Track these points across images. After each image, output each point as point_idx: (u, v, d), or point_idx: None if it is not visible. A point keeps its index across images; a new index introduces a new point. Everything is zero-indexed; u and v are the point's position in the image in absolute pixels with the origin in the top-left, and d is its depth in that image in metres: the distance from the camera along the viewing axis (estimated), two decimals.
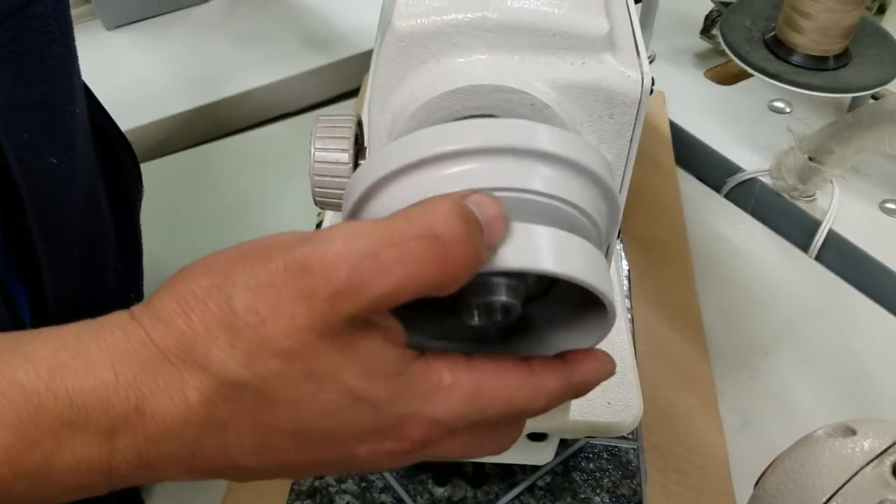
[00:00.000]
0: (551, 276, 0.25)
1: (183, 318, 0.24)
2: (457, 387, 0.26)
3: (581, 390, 0.29)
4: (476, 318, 0.28)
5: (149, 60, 0.88)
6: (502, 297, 0.27)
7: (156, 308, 0.25)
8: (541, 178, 0.26)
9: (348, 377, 0.24)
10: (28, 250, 0.39)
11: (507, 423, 0.29)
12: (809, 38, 0.65)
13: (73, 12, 0.94)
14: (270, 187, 0.75)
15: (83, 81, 0.44)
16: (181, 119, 0.81)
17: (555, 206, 0.27)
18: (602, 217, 0.29)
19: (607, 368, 0.29)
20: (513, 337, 0.31)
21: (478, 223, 0.24)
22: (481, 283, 0.27)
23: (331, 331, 0.24)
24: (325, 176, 0.36)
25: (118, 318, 0.25)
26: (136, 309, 0.25)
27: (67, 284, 0.41)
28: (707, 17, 0.92)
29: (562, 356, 0.29)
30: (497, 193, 0.26)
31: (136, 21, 0.93)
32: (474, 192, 0.25)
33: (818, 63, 0.66)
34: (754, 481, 0.45)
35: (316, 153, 0.36)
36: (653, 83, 0.32)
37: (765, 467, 0.35)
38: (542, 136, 0.27)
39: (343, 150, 0.35)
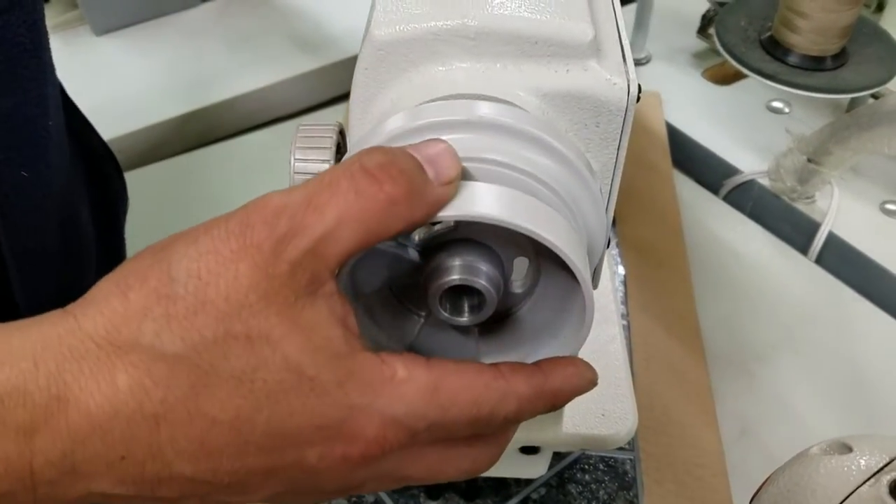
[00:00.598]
0: (492, 226, 0.25)
1: (119, 299, 0.23)
2: (412, 381, 0.24)
3: (559, 398, 0.27)
4: (444, 310, 0.27)
5: (137, 66, 0.87)
6: (456, 277, 0.26)
7: (91, 294, 0.23)
8: (499, 150, 0.27)
9: (290, 348, 0.23)
10: None
11: (481, 435, 0.26)
12: (806, 38, 0.64)
13: (62, 18, 0.94)
14: (261, 193, 0.73)
15: (60, 94, 0.43)
16: (171, 125, 0.80)
17: (513, 177, 0.27)
18: (573, 199, 0.28)
19: (587, 377, 0.28)
20: (494, 352, 0.30)
21: (411, 157, 0.24)
22: (440, 266, 0.26)
23: (274, 291, 0.22)
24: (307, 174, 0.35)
25: (52, 313, 0.23)
26: (73, 303, 0.24)
27: (40, 300, 0.39)
28: (704, 17, 0.90)
29: (536, 363, 0.28)
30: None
31: (125, 27, 0.92)
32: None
33: (815, 63, 0.65)
34: (753, 491, 0.44)
35: (296, 163, 0.35)
36: (640, 90, 0.31)
37: (762, 481, 0.34)
38: (500, 111, 0.27)
39: (324, 161, 0.34)
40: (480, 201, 0.25)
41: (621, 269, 0.68)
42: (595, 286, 0.39)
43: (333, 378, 0.23)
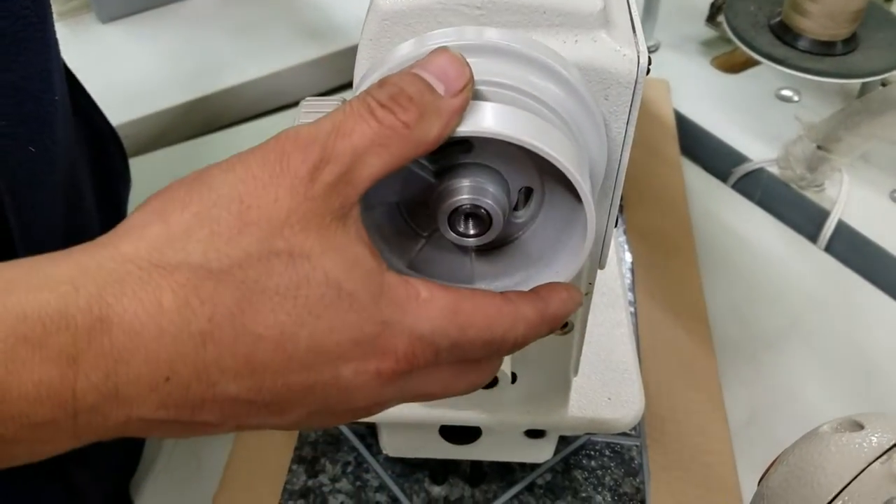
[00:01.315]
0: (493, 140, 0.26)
1: (160, 224, 0.23)
2: (434, 301, 0.25)
3: (555, 322, 0.29)
4: (451, 230, 0.28)
5: (143, 53, 0.87)
6: (467, 197, 0.27)
7: (128, 224, 0.23)
8: (507, 74, 0.27)
9: (330, 264, 0.24)
10: (5, 244, 0.37)
11: (487, 356, 0.28)
12: (817, 23, 0.63)
13: (68, 6, 0.93)
14: None
15: (65, 72, 0.43)
16: (176, 112, 0.80)
17: (521, 100, 0.27)
18: (577, 125, 0.29)
19: (576, 299, 0.29)
20: (489, 276, 0.31)
21: (418, 80, 0.25)
22: (451, 186, 0.27)
23: (311, 212, 0.23)
24: None
25: (85, 245, 0.23)
26: (106, 234, 0.23)
27: None
28: (713, 5, 0.90)
29: (534, 289, 0.29)
30: None
31: (131, 14, 0.92)
32: None
33: (825, 48, 0.64)
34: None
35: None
36: (650, 63, 0.30)
37: (769, 464, 0.34)
38: (508, 36, 0.28)
39: None
40: (490, 119, 0.26)
41: (628, 257, 0.67)
42: (602, 265, 0.39)
43: (368, 294, 0.24)
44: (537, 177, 0.29)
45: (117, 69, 0.84)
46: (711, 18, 0.90)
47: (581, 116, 0.29)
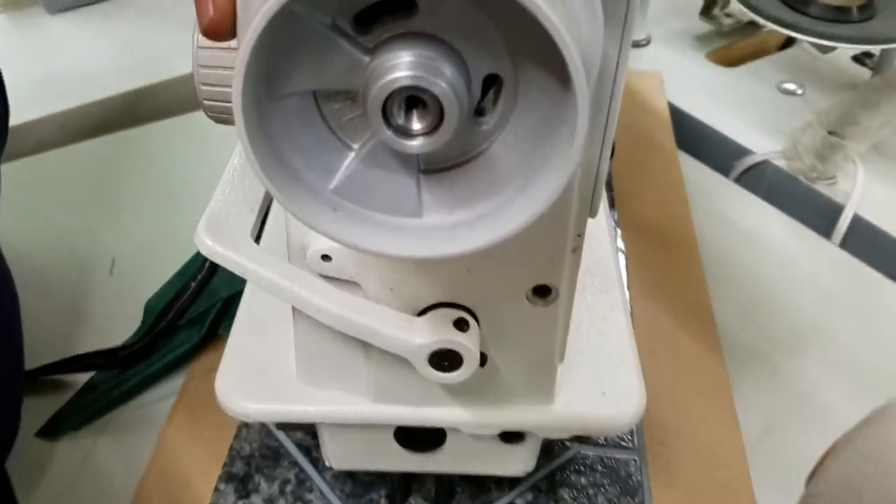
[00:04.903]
0: None
1: None
2: None
3: None
4: (387, 124, 0.20)
5: (92, 43, 0.81)
6: (407, 74, 0.19)
7: None
8: None
9: None
10: None
11: None
12: None
13: None
14: (218, 165, 0.66)
15: None
16: (123, 99, 0.74)
17: None
18: None
19: None
20: (440, 207, 0.23)
21: None
22: (386, 62, 0.20)
23: None
24: (217, 68, 0.27)
25: None
26: None
27: None
28: None
29: None
30: None
31: (81, 6, 0.85)
32: None
33: (840, 14, 0.57)
34: (784, 492, 0.35)
35: (200, 38, 0.27)
36: None
37: (820, 456, 0.26)
38: None
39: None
40: None
41: (621, 243, 0.60)
42: (594, 212, 0.31)
43: None
44: (507, 60, 0.22)
45: (63, 58, 0.79)
46: (706, 11, 0.85)
47: None
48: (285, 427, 0.45)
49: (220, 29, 0.22)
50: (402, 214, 0.23)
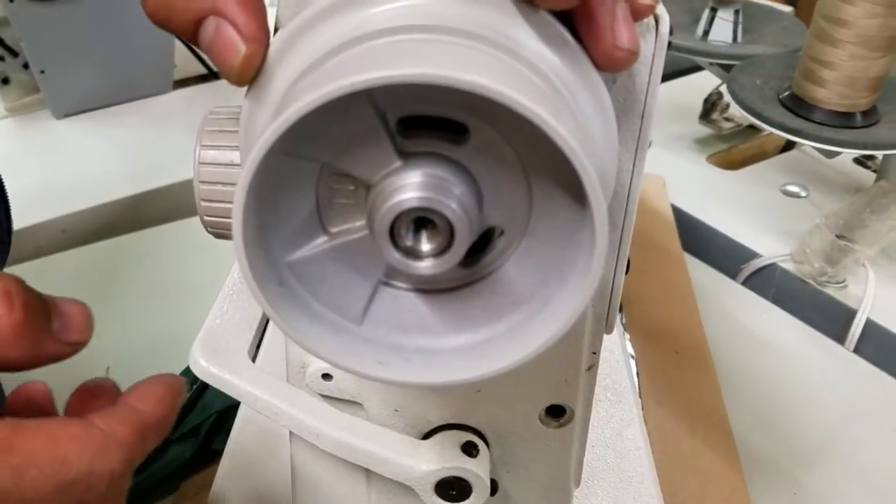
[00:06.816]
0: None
1: None
2: None
3: (164, 427, 0.24)
4: (396, 250, 0.19)
5: (96, 148, 0.82)
6: (415, 195, 0.18)
7: None
8: (478, 22, 0.20)
9: None
10: None
11: None
12: (833, 91, 0.56)
13: (20, 102, 0.88)
14: (217, 271, 0.66)
15: None
16: (126, 203, 0.74)
17: (499, 57, 0.19)
18: (577, 102, 0.20)
19: (176, 389, 0.24)
20: (452, 329, 0.22)
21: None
22: (392, 183, 0.19)
23: None
24: (217, 184, 0.26)
25: None
26: None
27: None
28: (706, 101, 0.85)
29: (121, 397, 0.24)
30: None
31: (87, 111, 0.87)
32: None
33: (844, 120, 0.57)
34: None
35: (202, 152, 0.26)
36: (671, 33, 0.23)
37: None
38: None
39: (236, 147, 0.26)
40: (462, 67, 0.17)
41: (633, 363, 0.58)
42: (609, 328, 0.30)
43: None
44: (522, 178, 0.21)
45: (69, 161, 0.80)
46: (705, 115, 0.85)
47: (583, 94, 0.21)
48: None
49: (254, 63, 0.20)
50: (343, 315, 0.21)
